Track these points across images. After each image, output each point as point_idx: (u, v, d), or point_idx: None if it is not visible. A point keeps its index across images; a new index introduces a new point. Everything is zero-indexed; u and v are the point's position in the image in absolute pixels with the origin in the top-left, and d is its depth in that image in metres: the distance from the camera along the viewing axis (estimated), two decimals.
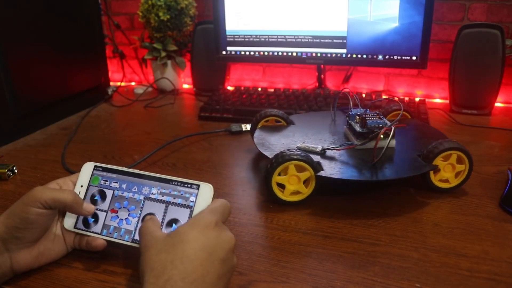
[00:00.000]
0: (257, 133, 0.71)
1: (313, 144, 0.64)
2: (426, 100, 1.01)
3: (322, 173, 0.56)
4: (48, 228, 0.46)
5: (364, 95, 1.01)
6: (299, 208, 0.58)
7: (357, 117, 0.67)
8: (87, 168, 0.49)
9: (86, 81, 1.09)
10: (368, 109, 0.67)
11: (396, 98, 0.94)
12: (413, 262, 0.47)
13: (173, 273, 0.35)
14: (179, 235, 0.38)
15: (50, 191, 0.44)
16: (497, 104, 1.01)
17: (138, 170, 0.48)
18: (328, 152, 0.62)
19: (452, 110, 0.99)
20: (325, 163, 0.59)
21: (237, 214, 0.57)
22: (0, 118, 0.83)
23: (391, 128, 0.59)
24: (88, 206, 0.46)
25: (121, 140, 0.85)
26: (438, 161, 0.59)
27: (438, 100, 1.11)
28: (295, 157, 0.55)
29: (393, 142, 0.64)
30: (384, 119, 0.65)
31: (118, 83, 1.29)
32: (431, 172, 0.59)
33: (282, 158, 0.56)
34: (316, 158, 0.59)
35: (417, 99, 0.99)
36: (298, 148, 0.63)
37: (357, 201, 0.59)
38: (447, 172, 0.60)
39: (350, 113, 0.68)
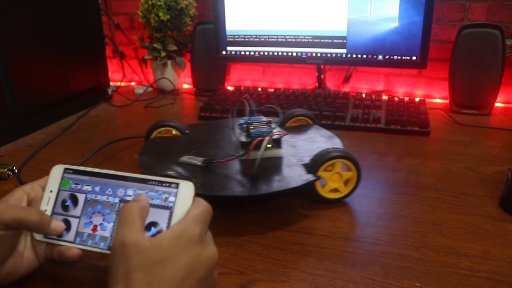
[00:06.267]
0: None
1: (196, 157, 0.59)
2: (426, 100, 1.01)
3: (200, 190, 0.49)
4: (15, 246, 0.41)
5: (364, 95, 1.01)
6: (299, 208, 0.58)
7: (245, 125, 0.62)
8: (57, 171, 0.45)
9: (86, 81, 1.09)
10: (254, 116, 0.63)
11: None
12: (413, 261, 0.47)
13: None
14: (160, 250, 0.35)
15: (14, 210, 0.39)
16: (497, 104, 1.01)
17: (112, 171, 0.44)
18: (214, 165, 0.58)
19: (452, 110, 0.99)
20: (208, 177, 0.55)
21: (237, 214, 0.57)
22: (0, 118, 0.83)
23: (264, 139, 0.56)
24: (56, 225, 0.42)
25: (121, 140, 0.85)
26: (322, 172, 0.56)
27: (438, 100, 1.11)
28: None
29: (280, 152, 0.61)
30: (275, 127, 0.61)
31: (118, 83, 1.29)
32: (317, 183, 0.57)
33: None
34: (196, 171, 0.55)
35: (417, 99, 0.99)
36: (181, 162, 0.59)
37: (357, 201, 0.59)
38: (334, 181, 0.58)
39: (241, 121, 0.63)
